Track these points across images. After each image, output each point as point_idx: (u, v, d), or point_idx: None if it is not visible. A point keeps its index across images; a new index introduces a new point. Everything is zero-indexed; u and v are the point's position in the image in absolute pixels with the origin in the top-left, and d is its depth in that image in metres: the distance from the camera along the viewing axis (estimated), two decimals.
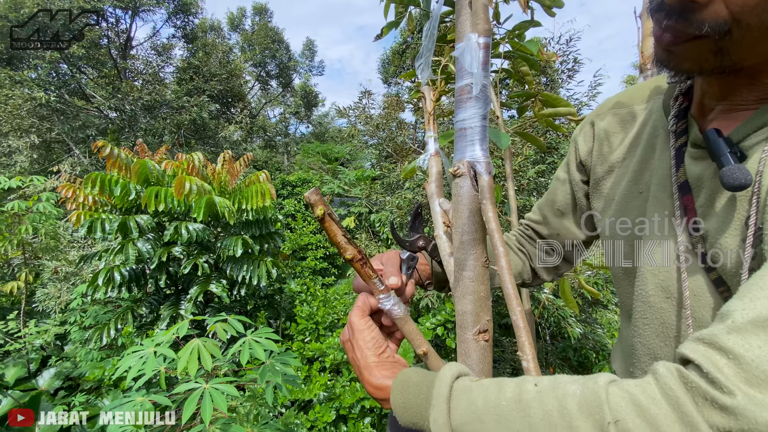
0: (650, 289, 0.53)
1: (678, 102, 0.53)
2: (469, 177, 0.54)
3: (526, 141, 0.78)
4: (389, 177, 5.41)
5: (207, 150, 12.22)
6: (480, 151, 0.52)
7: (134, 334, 3.48)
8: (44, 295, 5.03)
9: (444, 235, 0.64)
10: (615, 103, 0.66)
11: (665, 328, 0.51)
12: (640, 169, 0.58)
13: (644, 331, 0.54)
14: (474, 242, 0.55)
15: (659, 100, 0.58)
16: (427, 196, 0.66)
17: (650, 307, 0.53)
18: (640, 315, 0.55)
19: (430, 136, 0.68)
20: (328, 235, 0.51)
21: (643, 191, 0.57)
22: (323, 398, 2.85)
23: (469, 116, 0.52)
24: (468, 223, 0.55)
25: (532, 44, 0.80)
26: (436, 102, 0.69)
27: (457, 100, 0.53)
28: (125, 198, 3.31)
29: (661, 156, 0.54)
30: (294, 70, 20.21)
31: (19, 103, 9.12)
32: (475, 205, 0.54)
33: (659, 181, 0.54)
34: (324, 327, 3.93)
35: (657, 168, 0.54)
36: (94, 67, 11.07)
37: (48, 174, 8.64)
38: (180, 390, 1.44)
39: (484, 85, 0.49)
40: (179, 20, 13.49)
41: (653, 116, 0.58)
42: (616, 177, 0.62)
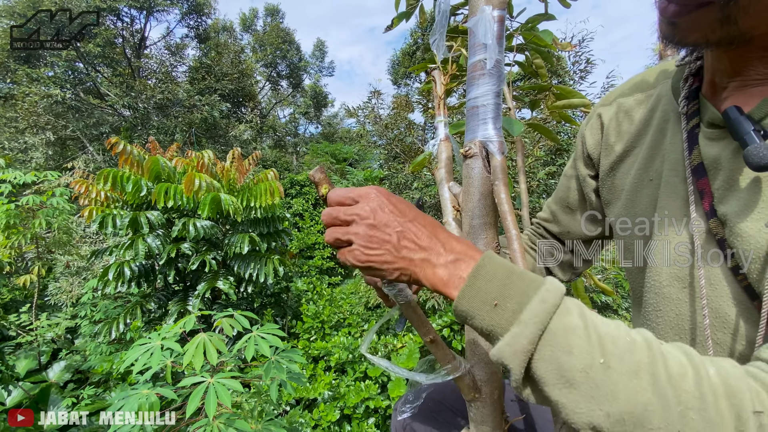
0: (664, 279, 0.50)
1: (688, 83, 0.50)
2: (481, 157, 0.52)
3: (540, 133, 0.76)
4: (397, 177, 5.40)
5: (218, 149, 12.34)
6: (493, 130, 0.50)
7: (142, 329, 3.52)
8: (56, 289, 5.12)
9: (453, 221, 0.62)
10: (621, 92, 0.63)
11: (680, 319, 0.49)
12: (650, 156, 0.55)
13: (658, 324, 0.52)
14: (485, 226, 0.53)
15: (667, 84, 0.56)
16: (436, 183, 0.64)
17: (664, 298, 0.50)
18: (653, 307, 0.52)
19: (440, 121, 0.67)
20: None
21: (653, 179, 0.54)
22: (328, 397, 2.84)
23: (482, 93, 0.50)
24: (479, 206, 0.53)
25: (546, 34, 0.78)
26: (446, 86, 0.68)
27: (470, 78, 0.51)
28: (136, 194, 3.34)
29: (673, 140, 0.52)
30: (304, 71, 20.33)
31: (36, 100, 9.31)
32: (487, 187, 0.52)
33: (672, 165, 0.51)
34: (330, 326, 3.93)
35: (669, 153, 0.52)
36: (109, 65, 11.26)
37: (63, 170, 8.81)
38: (185, 384, 1.44)
39: (498, 60, 0.48)
40: (192, 20, 13.66)
41: (662, 101, 0.56)
42: (626, 167, 0.60)
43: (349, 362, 3.22)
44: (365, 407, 2.74)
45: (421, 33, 13.44)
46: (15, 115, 9.65)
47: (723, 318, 0.44)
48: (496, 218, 0.53)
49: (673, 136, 0.52)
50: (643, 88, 0.60)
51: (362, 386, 2.83)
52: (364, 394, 2.75)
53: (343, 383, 2.95)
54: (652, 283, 0.52)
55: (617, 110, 0.62)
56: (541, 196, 3.83)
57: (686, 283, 0.48)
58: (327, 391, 2.85)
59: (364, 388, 2.80)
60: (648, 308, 0.53)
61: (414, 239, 0.43)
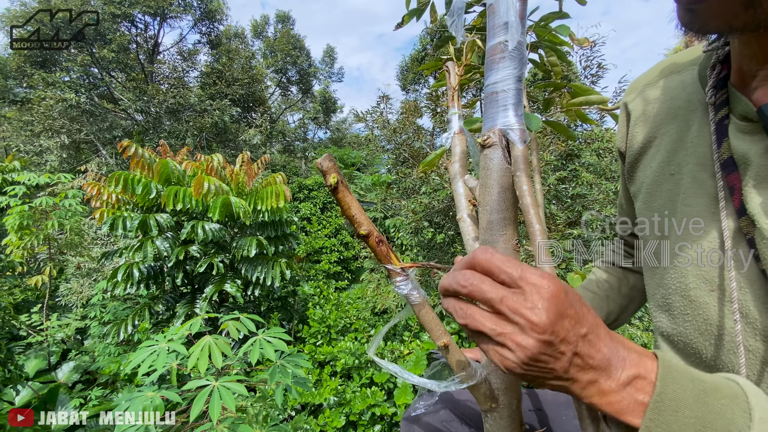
0: (690, 282, 0.47)
1: (716, 71, 0.47)
2: (501, 147, 0.48)
3: (556, 131, 0.74)
4: (405, 182, 5.38)
5: (227, 153, 12.48)
6: (514, 117, 0.47)
7: (150, 331, 3.53)
8: (67, 290, 5.18)
9: (468, 218, 0.59)
10: (647, 80, 0.60)
11: (708, 324, 0.45)
12: (674, 149, 0.52)
13: (686, 329, 0.48)
14: (504, 222, 0.49)
15: (693, 71, 0.53)
16: (449, 178, 0.62)
17: (691, 302, 0.47)
18: (680, 311, 0.49)
19: (454, 113, 0.64)
20: (341, 207, 0.47)
21: (674, 173, 0.51)
22: (333, 403, 2.81)
23: (502, 78, 0.47)
24: (498, 200, 0.49)
25: (563, 29, 0.75)
26: (461, 77, 0.66)
27: (488, 62, 0.48)
28: (146, 196, 3.37)
29: (700, 132, 0.48)
30: (314, 77, 20.51)
31: (51, 104, 9.51)
32: (507, 179, 0.48)
33: (698, 159, 0.48)
34: (336, 331, 3.91)
35: (695, 146, 0.49)
36: (123, 70, 11.49)
37: (76, 173, 8.96)
38: (190, 387, 1.43)
39: (520, 42, 0.45)
40: (205, 27, 13.89)
41: (687, 89, 0.52)
42: (647, 158, 0.57)
43: (356, 368, 3.19)
44: (371, 414, 2.70)
45: (430, 39, 13.49)
46: (31, 118, 9.87)
47: (753, 323, 0.41)
48: (516, 213, 0.50)
49: (700, 127, 0.49)
50: (669, 73, 0.57)
51: (368, 392, 2.79)
52: (370, 401, 2.71)
53: (349, 389, 2.92)
54: (677, 285, 0.49)
55: (641, 98, 0.59)
56: (551, 202, 3.77)
57: (714, 286, 0.45)
58: (333, 397, 2.82)
59: (371, 395, 2.76)
60: (675, 312, 0.50)
61: (587, 357, 0.34)
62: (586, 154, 4.19)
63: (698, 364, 0.48)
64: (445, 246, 4.28)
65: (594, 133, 4.21)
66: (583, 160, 4.12)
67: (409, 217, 4.39)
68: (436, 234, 4.18)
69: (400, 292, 0.51)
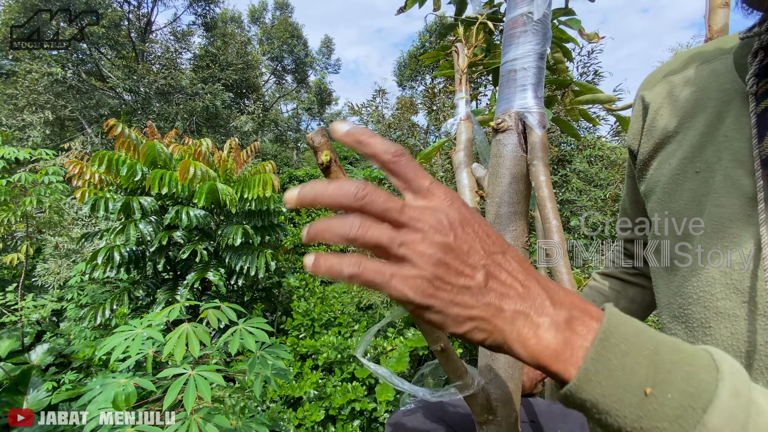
0: (718, 291, 0.42)
1: (758, 58, 0.42)
2: (517, 132, 0.43)
3: (561, 129, 0.71)
4: None
5: (217, 138, 12.27)
6: (533, 99, 0.42)
7: (128, 316, 3.45)
8: (44, 270, 5.03)
9: None
10: (669, 69, 0.55)
11: (735, 339, 0.41)
12: (700, 144, 0.47)
13: (704, 342, 0.44)
14: (514, 216, 0.44)
15: (727, 60, 0.48)
16: (453, 167, 0.58)
17: (717, 314, 0.42)
18: (701, 323, 0.44)
19: (461, 98, 0.60)
20: None
21: (701, 170, 0.46)
22: (313, 396, 2.79)
23: (522, 54, 0.42)
24: (509, 191, 0.44)
25: (573, 22, 0.73)
26: (470, 59, 0.62)
27: (507, 36, 0.43)
28: (131, 178, 3.28)
29: (737, 125, 0.44)
30: (310, 67, 20.29)
31: (37, 78, 9.21)
32: (521, 168, 0.44)
33: (733, 155, 0.43)
34: (320, 324, 3.88)
35: (730, 140, 0.44)
36: (113, 47, 11.18)
37: (60, 150, 8.71)
38: (165, 374, 1.39)
39: (545, 14, 0.40)
40: (200, 8, 13.60)
41: (720, 79, 0.48)
42: (665, 154, 0.52)
43: (338, 362, 3.17)
44: (351, 409, 2.69)
45: (429, 36, 13.44)
46: (15, 92, 9.55)
47: None
48: (527, 207, 0.45)
49: (737, 119, 0.44)
50: (697, 62, 0.52)
51: (349, 387, 2.78)
52: (350, 396, 2.70)
53: (330, 383, 2.90)
54: (699, 295, 0.45)
55: (661, 90, 0.54)
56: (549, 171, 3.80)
57: (747, 297, 0.40)
58: (313, 390, 2.80)
59: (351, 390, 2.75)
60: (694, 324, 0.45)
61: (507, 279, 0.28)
62: (576, 160, 4.22)
63: None
64: None
65: (586, 140, 4.25)
66: (574, 166, 4.15)
67: None
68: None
69: None
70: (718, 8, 0.70)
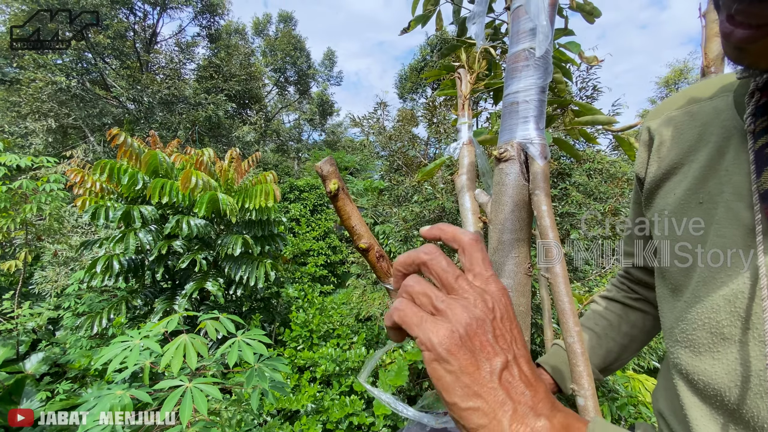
0: (724, 318, 0.44)
1: (755, 98, 0.45)
2: (519, 162, 0.45)
3: (561, 149, 0.73)
4: (397, 189, 5.37)
5: (219, 148, 12.33)
6: (535, 131, 0.44)
7: (125, 326, 3.43)
8: (42, 277, 5.01)
9: None
10: (672, 104, 0.58)
11: (741, 366, 0.43)
12: (703, 177, 0.50)
13: (713, 368, 0.45)
14: (517, 243, 0.46)
15: (727, 98, 0.51)
16: (456, 190, 0.59)
17: (724, 340, 0.44)
18: (707, 348, 0.46)
19: (464, 123, 0.62)
20: (341, 216, 0.43)
21: (704, 201, 0.49)
22: (311, 410, 2.76)
23: (524, 87, 0.44)
24: (511, 218, 0.46)
25: (573, 46, 0.74)
26: (473, 85, 0.64)
27: (510, 70, 0.46)
28: (132, 187, 3.29)
29: (737, 160, 0.46)
30: (312, 79, 20.50)
31: (41, 86, 9.29)
32: (523, 196, 0.46)
33: (733, 189, 0.46)
34: (318, 336, 3.85)
35: (730, 174, 0.47)
36: (118, 57, 11.31)
37: (61, 158, 8.75)
38: (162, 386, 1.38)
39: (548, 50, 0.42)
40: (205, 20, 13.80)
41: (721, 116, 0.51)
42: (671, 185, 0.55)
43: (336, 375, 3.13)
44: (349, 423, 2.65)
45: (431, 50, 13.62)
46: (18, 99, 9.62)
47: None
48: (530, 234, 0.47)
49: (737, 155, 0.47)
50: (698, 100, 0.55)
51: (347, 401, 2.74)
52: (348, 410, 2.66)
53: (328, 396, 2.86)
54: (704, 321, 0.46)
55: (666, 123, 0.57)
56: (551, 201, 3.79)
57: (751, 325, 0.42)
58: (310, 404, 2.76)
59: (349, 403, 2.71)
60: (699, 348, 0.47)
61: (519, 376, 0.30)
62: (576, 173, 4.24)
63: (719, 407, 0.46)
64: None
65: (586, 154, 4.27)
66: (573, 179, 4.17)
67: (399, 224, 4.38)
68: (425, 243, 4.16)
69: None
70: (713, 37, 0.72)
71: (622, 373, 3.88)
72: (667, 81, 18.53)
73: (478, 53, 0.68)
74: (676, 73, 18.13)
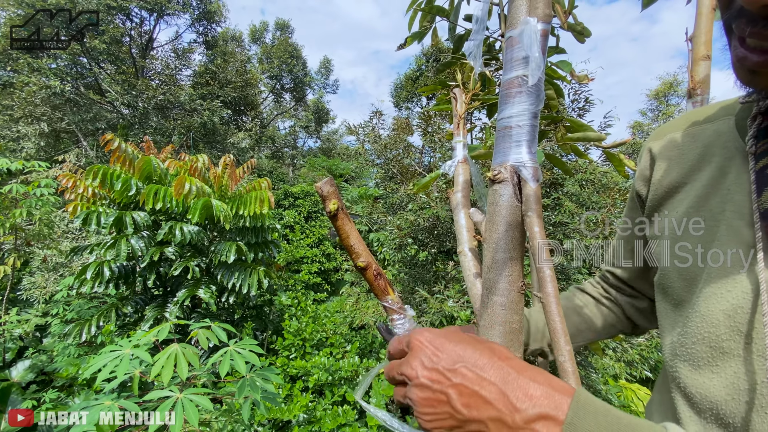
0: (723, 333, 0.45)
1: (757, 121, 0.47)
2: (512, 184, 0.47)
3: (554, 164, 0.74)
4: (392, 197, 5.39)
5: (214, 154, 12.30)
6: (528, 155, 0.46)
7: (115, 333, 3.37)
8: (30, 283, 4.93)
9: (469, 252, 0.57)
10: (674, 126, 0.61)
11: (738, 379, 0.44)
12: (706, 195, 0.52)
13: (711, 382, 0.47)
14: (510, 261, 0.48)
15: (729, 121, 0.53)
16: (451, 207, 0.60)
17: (723, 354, 0.45)
18: (707, 362, 0.47)
19: (459, 141, 0.64)
20: (340, 235, 0.44)
21: (706, 219, 0.51)
22: (303, 420, 2.72)
23: (517, 113, 0.46)
24: (505, 238, 0.48)
25: (564, 65, 0.77)
26: (468, 105, 0.65)
27: (504, 96, 0.48)
28: (125, 193, 3.27)
29: (738, 180, 0.48)
30: (308, 86, 20.60)
31: (34, 90, 9.23)
32: (516, 217, 0.47)
33: (735, 207, 0.47)
34: (311, 345, 3.82)
35: (732, 193, 0.49)
36: (113, 63, 11.29)
37: (53, 163, 8.66)
38: (152, 397, 1.36)
39: (540, 79, 0.44)
40: (202, 27, 13.85)
41: (723, 138, 0.53)
42: (674, 203, 0.57)
43: (329, 384, 3.10)
44: None
45: (426, 60, 13.77)
46: (11, 103, 9.54)
47: None
48: (522, 253, 0.49)
49: (738, 175, 0.49)
50: (699, 122, 0.58)
51: (340, 411, 2.71)
52: (341, 420, 2.63)
53: (320, 406, 2.83)
54: (704, 335, 0.48)
55: (668, 143, 0.60)
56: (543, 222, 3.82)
57: (750, 340, 0.43)
58: (302, 414, 2.73)
59: (342, 414, 2.68)
60: (698, 361, 0.49)
61: (477, 391, 0.36)
62: (569, 183, 4.29)
63: (716, 421, 0.46)
64: (428, 264, 4.27)
65: (578, 164, 4.32)
66: (566, 189, 4.21)
67: (394, 232, 4.38)
68: (419, 251, 4.17)
69: (396, 330, 0.49)
70: (700, 60, 0.74)
71: (615, 382, 3.89)
72: (657, 93, 18.90)
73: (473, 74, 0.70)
74: (666, 86, 18.52)
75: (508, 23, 0.47)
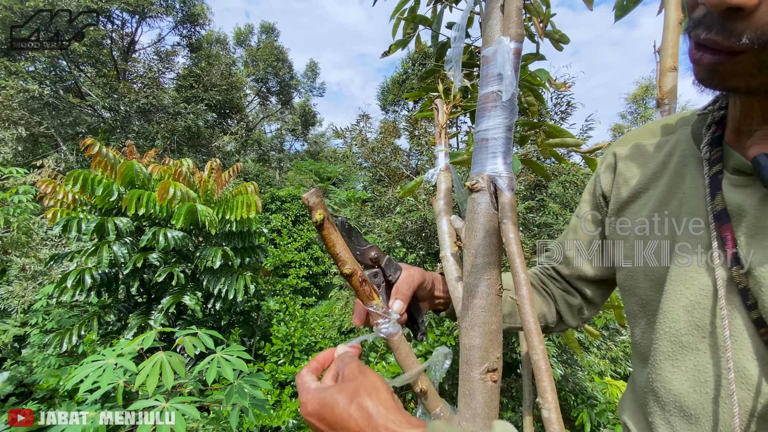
0: (682, 328, 0.49)
1: (711, 130, 0.51)
2: (489, 193, 0.50)
3: (533, 169, 0.77)
4: (380, 200, 5.40)
5: (199, 158, 12.13)
6: (503, 165, 0.49)
7: (97, 342, 3.30)
8: (8, 293, 4.78)
9: (451, 257, 0.59)
10: (638, 134, 0.64)
11: (698, 371, 0.47)
12: (666, 199, 0.55)
13: (672, 375, 0.49)
14: (488, 266, 0.50)
15: (686, 130, 0.57)
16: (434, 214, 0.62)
17: (682, 348, 0.49)
18: (668, 356, 0.50)
19: (441, 150, 0.66)
20: (326, 244, 0.46)
21: (665, 222, 0.54)
22: (292, 426, 2.70)
23: (493, 126, 0.49)
24: (483, 244, 0.50)
25: (542, 73, 0.80)
26: (449, 115, 0.67)
27: (480, 109, 0.50)
28: (106, 198, 3.20)
29: (694, 184, 0.51)
30: (295, 89, 20.52)
31: (11, 93, 8.98)
32: (493, 224, 0.50)
33: (691, 210, 0.51)
34: (300, 350, 3.79)
35: (688, 197, 0.52)
36: (94, 66, 11.05)
37: (31, 168, 8.42)
38: (136, 407, 1.33)
39: (513, 94, 0.47)
40: (186, 29, 13.68)
41: (680, 146, 0.56)
42: (636, 207, 0.60)
43: None
44: None
45: (412, 63, 13.86)
46: None
47: (743, 373, 0.43)
48: (500, 258, 0.51)
49: (693, 180, 0.52)
50: (661, 132, 0.61)
51: None
52: None
53: None
54: (666, 330, 0.51)
55: (633, 151, 0.63)
56: (519, 229, 3.88)
57: (707, 333, 0.46)
58: (292, 420, 2.71)
59: None
60: (660, 356, 0.51)
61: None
62: (552, 185, 4.37)
63: (678, 413, 0.49)
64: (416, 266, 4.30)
65: (561, 167, 4.41)
66: (550, 191, 4.29)
67: (382, 235, 4.39)
68: (407, 253, 4.19)
69: (380, 334, 0.50)
70: (667, 72, 0.78)
71: (601, 379, 3.96)
72: (635, 97, 19.48)
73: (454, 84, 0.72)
74: (643, 90, 19.15)
75: (484, 41, 0.49)
